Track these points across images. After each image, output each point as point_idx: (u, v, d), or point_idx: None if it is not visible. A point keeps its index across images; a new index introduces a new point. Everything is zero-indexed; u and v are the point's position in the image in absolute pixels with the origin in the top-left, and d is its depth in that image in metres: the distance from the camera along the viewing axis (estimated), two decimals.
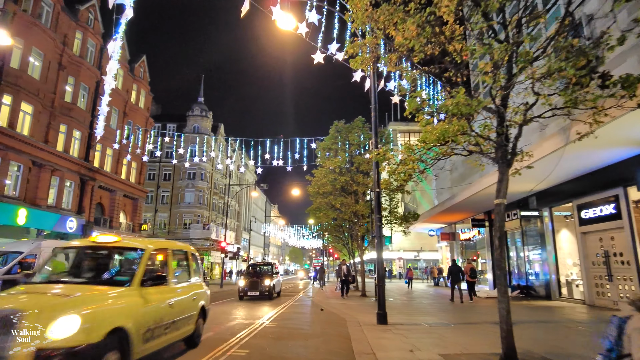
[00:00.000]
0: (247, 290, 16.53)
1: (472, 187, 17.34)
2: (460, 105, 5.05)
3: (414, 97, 5.42)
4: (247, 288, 16.60)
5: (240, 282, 17.50)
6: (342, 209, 18.11)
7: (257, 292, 16.45)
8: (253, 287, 16.53)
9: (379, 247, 9.01)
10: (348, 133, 18.61)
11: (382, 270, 9.00)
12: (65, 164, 23.88)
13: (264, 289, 16.43)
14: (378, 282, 8.93)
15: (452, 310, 12.63)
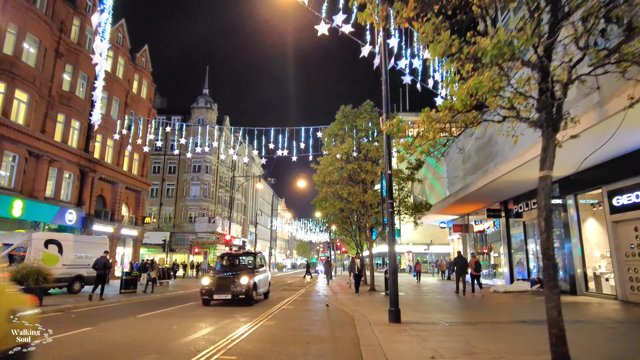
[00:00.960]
0: (214, 292, 11.72)
1: (489, 174, 16.19)
2: (502, 45, 3.98)
3: (439, 41, 4.36)
4: (213, 289, 11.77)
5: (204, 280, 12.31)
6: (350, 198, 17.09)
7: (228, 294, 11.62)
8: (222, 287, 11.77)
9: (391, 237, 7.99)
10: (355, 118, 17.53)
11: (394, 263, 7.98)
12: (63, 155, 23.18)
13: (239, 289, 11.61)
14: (390, 275, 7.91)
15: (469, 306, 11.60)
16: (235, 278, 11.91)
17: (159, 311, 10.46)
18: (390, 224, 8.00)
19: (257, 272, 12.86)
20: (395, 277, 7.86)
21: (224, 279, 12.03)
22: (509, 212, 19.75)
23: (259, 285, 12.59)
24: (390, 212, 8.07)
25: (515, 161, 13.69)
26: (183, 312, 10.51)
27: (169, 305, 12.21)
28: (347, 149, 16.29)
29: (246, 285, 11.67)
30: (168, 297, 15.83)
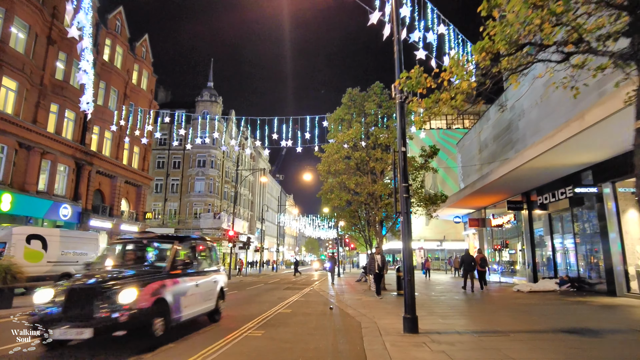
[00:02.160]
0: (53, 323, 5.20)
1: (511, 161, 14.58)
2: None
3: None
4: (54, 314, 5.36)
5: (39, 294, 5.57)
6: (358, 190, 15.63)
7: (82, 328, 5.16)
8: (72, 311, 5.35)
9: (406, 229, 6.55)
10: (364, 102, 16.03)
11: (410, 260, 6.55)
12: (57, 147, 22.11)
13: (111, 314, 5.28)
14: (405, 275, 6.48)
15: (495, 308, 10.10)
16: (109, 290, 5.47)
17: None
18: (405, 213, 6.56)
19: (179, 276, 6.70)
20: (411, 278, 6.42)
21: (79, 294, 5.47)
22: (532, 204, 18.13)
23: (181, 303, 6.50)
24: (406, 197, 6.62)
25: (542, 145, 12.10)
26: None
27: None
28: (354, 135, 14.81)
29: (130, 305, 5.33)
30: None
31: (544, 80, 16.59)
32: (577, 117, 9.81)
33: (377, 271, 13.16)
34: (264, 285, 21.54)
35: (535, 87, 17.28)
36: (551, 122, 15.34)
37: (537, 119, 16.93)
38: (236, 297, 13.99)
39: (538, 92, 16.87)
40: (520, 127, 18.84)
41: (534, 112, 17.33)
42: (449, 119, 51.01)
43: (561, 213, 15.62)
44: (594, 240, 13.51)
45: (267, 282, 23.92)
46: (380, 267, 13.25)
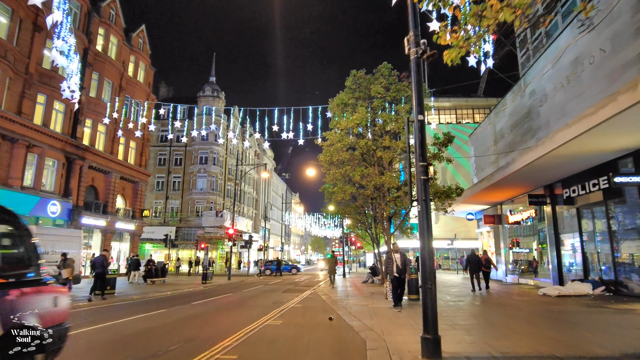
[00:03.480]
0: None
1: (538, 148, 12.88)
2: None
3: None
4: None
5: None
6: (363, 182, 14.05)
7: None
8: None
9: (425, 221, 5.00)
10: (370, 85, 14.44)
11: (431, 261, 4.99)
12: (45, 140, 20.87)
13: None
14: (424, 281, 4.93)
15: (527, 317, 8.48)
16: None
17: None
18: (423, 200, 5.00)
19: None
20: (432, 285, 4.86)
21: None
22: (556, 197, 16.40)
23: None
24: (424, 180, 5.07)
25: (578, 126, 10.41)
26: None
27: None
28: (359, 121, 13.24)
29: None
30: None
31: (571, 57, 14.95)
32: (629, 86, 8.15)
33: (396, 274, 9.94)
34: (264, 286, 20.08)
35: (560, 68, 15.59)
36: (581, 104, 13.63)
37: (562, 102, 15.21)
38: (228, 301, 12.52)
39: (564, 73, 15.16)
40: (542, 113, 17.12)
41: (558, 95, 15.60)
42: (458, 113, 49.33)
43: (592, 207, 13.89)
44: (635, 238, 11.80)
45: (268, 283, 22.47)
46: (401, 270, 9.95)
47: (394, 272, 9.91)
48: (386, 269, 10.25)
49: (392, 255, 10.10)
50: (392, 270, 9.93)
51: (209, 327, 7.31)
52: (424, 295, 4.93)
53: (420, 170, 5.09)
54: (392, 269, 9.93)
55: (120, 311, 9.83)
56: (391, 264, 9.96)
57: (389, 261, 10.03)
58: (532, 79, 18.46)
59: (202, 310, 9.94)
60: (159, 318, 8.59)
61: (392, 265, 9.94)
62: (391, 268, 9.95)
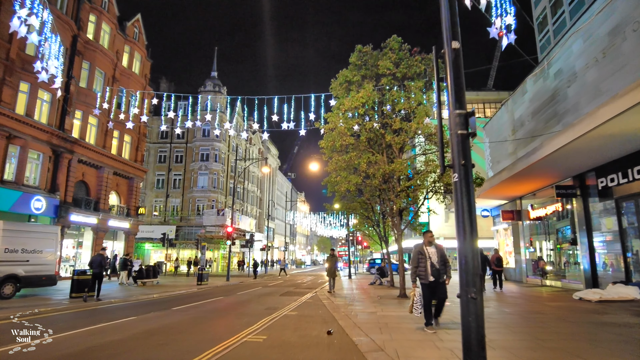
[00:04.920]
0: None
1: (574, 128, 11.07)
2: None
3: None
4: None
5: None
6: (370, 171, 12.36)
7: None
8: None
9: (463, 199, 3.32)
10: (377, 62, 12.73)
11: (476, 260, 3.29)
12: (28, 131, 19.45)
13: None
14: (463, 290, 3.22)
15: (580, 332, 6.73)
16: None
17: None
18: (462, 165, 3.32)
19: None
20: (477, 294, 3.16)
21: None
22: (588, 189, 14.57)
23: None
24: (463, 137, 3.38)
25: (627, 98, 8.63)
26: None
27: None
28: (365, 99, 11.54)
29: None
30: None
31: (608, 27, 13.13)
32: None
33: (433, 278, 6.59)
34: (262, 288, 18.47)
35: (594, 41, 13.75)
36: (621, 79, 11.83)
37: (596, 80, 13.39)
38: (214, 307, 10.90)
39: (598, 46, 13.33)
40: (571, 94, 15.30)
41: (591, 72, 13.78)
42: (468, 108, 47.38)
43: (638, 199, 12.04)
44: None
45: (267, 285, 20.85)
46: (438, 271, 6.61)
47: (429, 274, 6.56)
48: (414, 270, 6.76)
49: (424, 249, 6.73)
50: (426, 272, 6.58)
51: (168, 347, 5.67)
52: (465, 308, 3.25)
53: (457, 121, 3.41)
54: (425, 269, 6.60)
55: (81, 319, 8.26)
56: (423, 261, 6.63)
57: (420, 258, 6.71)
58: (557, 59, 16.66)
59: (176, 320, 8.31)
60: (116, 331, 6.98)
61: (425, 263, 6.62)
62: (423, 268, 6.63)
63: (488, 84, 60.39)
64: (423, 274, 6.63)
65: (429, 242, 6.88)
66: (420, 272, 6.67)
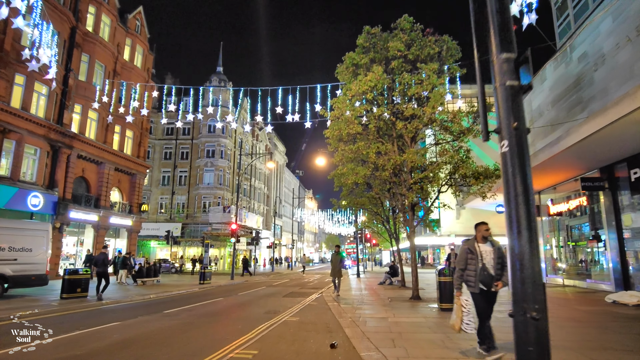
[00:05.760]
0: None
1: (609, 112, 9.91)
2: None
3: None
4: None
5: None
6: (379, 161, 11.35)
7: None
8: None
9: (517, 173, 2.29)
10: (386, 43, 11.69)
11: (536, 263, 2.29)
12: (24, 125, 18.80)
13: None
14: (517, 306, 2.20)
15: (631, 342, 5.68)
16: None
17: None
18: (515, 129, 2.30)
19: None
20: (541, 313, 2.15)
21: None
22: (616, 181, 13.38)
23: None
24: (513, 91, 2.36)
25: None
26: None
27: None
28: (374, 83, 10.51)
29: None
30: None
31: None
32: None
33: (483, 287, 4.97)
34: (266, 288, 17.59)
35: (625, 18, 12.54)
36: None
37: (629, 61, 12.18)
38: (209, 310, 10.00)
39: (632, 23, 12.11)
40: (598, 79, 14.08)
41: (622, 53, 12.56)
42: None
43: None
44: None
45: (272, 284, 19.96)
46: (492, 278, 4.88)
47: (478, 280, 4.88)
48: (460, 274, 5.11)
49: (475, 247, 5.02)
50: (475, 276, 4.89)
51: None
52: (521, 333, 2.25)
53: (504, 69, 2.42)
54: (475, 273, 4.90)
55: (57, 326, 7.41)
56: (474, 262, 4.96)
57: (469, 257, 5.02)
58: (580, 42, 15.42)
59: (161, 327, 7.43)
60: (89, 340, 6.12)
61: (476, 265, 4.91)
62: (473, 272, 4.94)
63: None
64: (472, 279, 4.94)
65: (483, 238, 5.06)
66: (468, 276, 5.00)
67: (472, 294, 5.01)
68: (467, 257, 5.06)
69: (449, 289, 9.02)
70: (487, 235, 5.10)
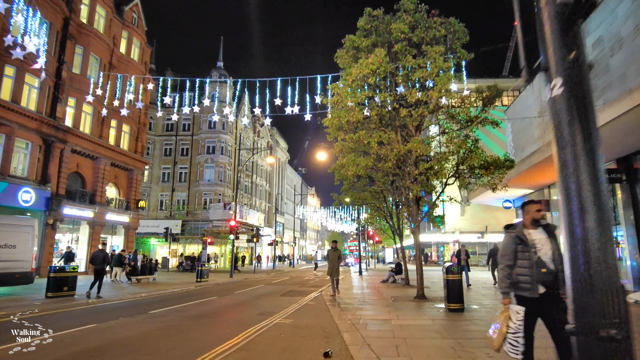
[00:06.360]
0: None
1: (634, 94, 9.11)
2: None
3: None
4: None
5: None
6: (382, 151, 10.61)
7: None
8: None
9: (579, 135, 1.52)
10: (388, 26, 10.92)
11: (610, 255, 1.54)
12: (14, 118, 18.17)
13: None
14: (582, 323, 1.43)
15: None
16: None
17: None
18: (573, 66, 1.53)
19: None
20: (624, 332, 1.38)
21: None
22: (637, 173, 12.57)
23: None
24: (567, 20, 1.58)
25: None
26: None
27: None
28: (377, 66, 9.75)
29: None
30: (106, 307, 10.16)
31: None
32: None
33: (543, 289, 3.50)
34: (264, 286, 16.91)
35: None
36: None
37: None
38: (198, 312, 9.31)
39: None
40: (614, 65, 13.25)
41: None
42: None
43: None
44: None
45: (271, 282, 19.28)
46: (555, 276, 3.48)
47: (536, 280, 3.49)
48: (506, 273, 3.68)
49: (525, 234, 3.67)
50: (532, 276, 3.51)
51: None
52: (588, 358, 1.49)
53: None
54: (532, 272, 3.52)
55: (28, 329, 6.74)
56: (526, 256, 3.57)
57: (519, 250, 3.65)
58: (594, 27, 14.57)
59: (140, 331, 6.73)
60: (54, 348, 5.42)
61: (530, 259, 3.54)
62: (527, 270, 3.54)
63: (503, 72, 57.65)
64: (526, 279, 3.51)
65: (534, 222, 3.68)
66: (519, 275, 3.56)
67: (522, 301, 3.50)
68: (516, 249, 3.62)
69: (457, 288, 8.30)
70: (539, 217, 3.71)
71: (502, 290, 3.67)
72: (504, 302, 3.62)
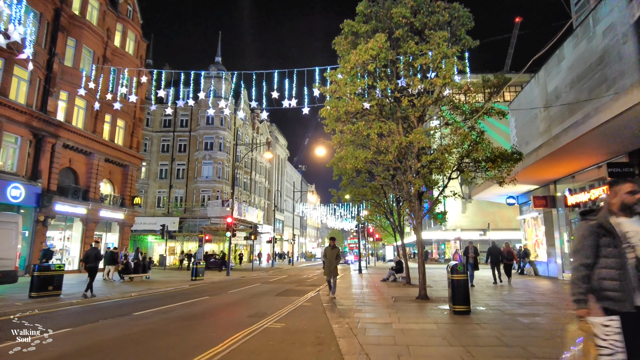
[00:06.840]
0: None
1: None
2: None
3: None
4: None
5: None
6: (382, 143, 10.01)
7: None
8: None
9: None
10: (389, 10, 10.30)
11: None
12: (3, 111, 17.66)
13: None
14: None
15: None
16: None
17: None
18: None
19: None
20: None
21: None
22: None
23: None
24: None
25: None
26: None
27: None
28: (377, 51, 9.14)
29: None
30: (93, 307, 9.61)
31: None
32: None
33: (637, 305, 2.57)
34: (260, 285, 16.37)
35: None
36: None
37: None
38: (186, 313, 8.75)
39: None
40: (627, 53, 12.64)
41: None
42: (486, 91, 44.34)
43: None
44: None
45: (268, 281, 18.75)
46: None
47: (634, 287, 2.55)
48: (584, 276, 2.72)
49: (612, 224, 2.72)
50: (625, 279, 2.57)
51: None
52: None
53: None
54: (623, 274, 2.58)
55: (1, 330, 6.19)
56: (616, 253, 2.64)
57: (606, 244, 2.68)
58: (604, 15, 13.94)
59: (116, 335, 6.15)
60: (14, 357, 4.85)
61: (622, 258, 2.61)
62: (618, 273, 2.59)
63: (505, 68, 56.90)
64: (615, 287, 2.61)
65: (626, 207, 2.74)
66: (604, 280, 2.66)
67: (620, 317, 2.56)
68: (599, 242, 2.71)
69: (462, 289, 7.72)
70: (633, 202, 2.71)
71: (576, 297, 2.73)
72: (579, 314, 2.71)
